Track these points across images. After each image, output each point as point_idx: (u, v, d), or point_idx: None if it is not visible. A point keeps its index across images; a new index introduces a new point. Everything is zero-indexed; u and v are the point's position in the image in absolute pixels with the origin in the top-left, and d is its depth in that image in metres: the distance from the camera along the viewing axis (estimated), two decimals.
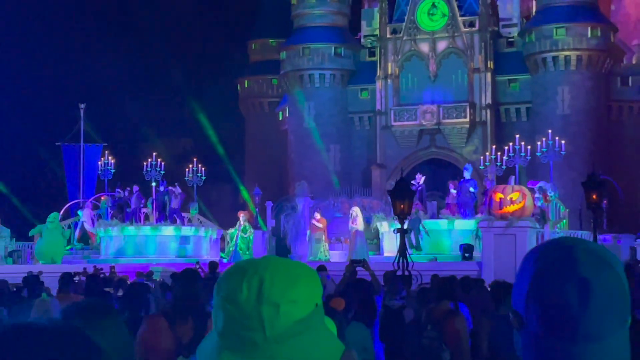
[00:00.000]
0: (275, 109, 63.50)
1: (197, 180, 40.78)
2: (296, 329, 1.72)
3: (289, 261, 1.81)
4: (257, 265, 1.75)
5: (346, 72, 56.54)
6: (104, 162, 42.35)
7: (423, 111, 53.26)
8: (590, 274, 1.74)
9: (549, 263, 1.78)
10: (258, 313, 1.71)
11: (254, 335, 1.71)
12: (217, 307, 1.75)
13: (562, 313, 1.73)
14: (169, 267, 28.67)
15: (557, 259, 1.78)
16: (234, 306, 1.72)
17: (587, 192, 23.80)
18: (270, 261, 1.77)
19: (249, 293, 1.72)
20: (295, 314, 1.72)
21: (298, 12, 57.45)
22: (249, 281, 1.73)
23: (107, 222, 36.42)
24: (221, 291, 1.75)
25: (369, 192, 49.67)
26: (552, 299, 1.74)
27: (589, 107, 51.77)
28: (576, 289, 1.73)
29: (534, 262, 1.80)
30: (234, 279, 1.75)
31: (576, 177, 42.88)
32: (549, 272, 1.77)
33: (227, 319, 1.73)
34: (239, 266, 1.78)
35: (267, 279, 1.73)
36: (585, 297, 1.72)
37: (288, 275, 1.75)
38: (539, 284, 1.77)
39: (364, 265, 11.96)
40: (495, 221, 28.07)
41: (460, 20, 53.53)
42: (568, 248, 1.79)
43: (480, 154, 47.85)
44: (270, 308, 1.71)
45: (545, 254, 1.81)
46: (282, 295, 1.72)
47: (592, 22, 52.20)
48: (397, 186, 23.19)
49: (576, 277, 1.74)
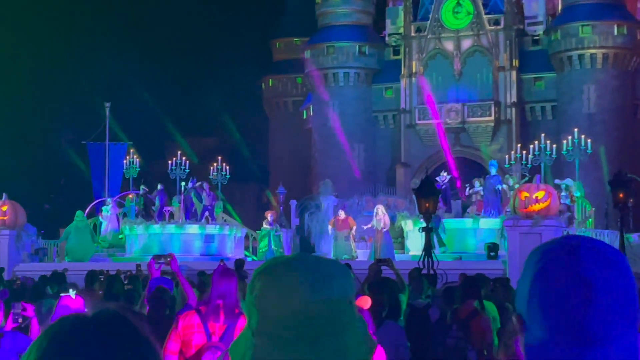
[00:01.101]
0: (299, 107, 63.53)
1: (222, 179, 40.86)
2: (330, 327, 1.71)
3: (321, 259, 1.80)
4: (290, 264, 1.75)
5: (370, 70, 56.48)
6: (129, 160, 42.52)
7: (447, 110, 53.13)
8: (594, 274, 1.66)
9: (551, 263, 1.70)
10: (293, 312, 1.70)
11: (289, 333, 1.70)
12: (251, 306, 1.74)
13: (565, 315, 1.66)
14: (194, 265, 28.74)
15: (560, 258, 1.70)
16: (268, 305, 1.71)
17: (614, 191, 23.66)
18: (304, 259, 1.76)
19: (283, 291, 1.71)
20: (330, 312, 1.71)
21: (322, 10, 57.44)
22: (283, 279, 1.72)
23: (132, 220, 36.56)
24: (255, 290, 1.75)
25: (393, 190, 49.58)
26: (555, 300, 1.67)
27: (615, 105, 51.43)
28: (580, 289, 1.66)
29: (536, 263, 1.72)
30: (268, 277, 1.74)
31: (602, 176, 42.69)
32: (551, 272, 1.69)
33: (261, 317, 1.72)
34: (272, 264, 1.77)
35: (301, 277, 1.72)
36: (589, 299, 1.65)
37: (322, 273, 1.73)
38: (541, 286, 1.69)
39: (389, 264, 11.93)
40: (521, 220, 27.94)
41: (485, 18, 53.34)
42: (571, 247, 1.71)
43: (505, 152, 47.65)
44: (304, 306, 1.70)
45: (547, 253, 1.73)
46: (316, 292, 1.71)
47: (618, 19, 51.85)
48: (422, 185, 23.15)
49: (579, 277, 1.66)
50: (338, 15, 56.70)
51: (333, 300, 1.72)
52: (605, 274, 1.67)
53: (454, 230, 32.88)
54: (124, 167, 42.87)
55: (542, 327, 1.68)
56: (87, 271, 14.04)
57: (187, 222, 35.76)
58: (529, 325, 1.71)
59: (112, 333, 1.46)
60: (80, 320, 1.47)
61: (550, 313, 1.68)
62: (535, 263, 1.73)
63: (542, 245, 1.78)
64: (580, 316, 1.65)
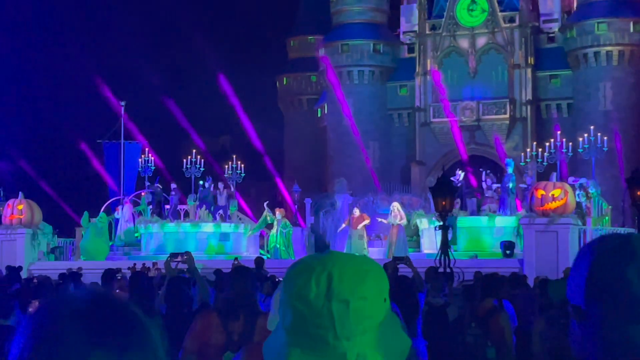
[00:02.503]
0: (314, 106, 63.52)
1: (237, 177, 40.91)
2: (366, 325, 1.70)
3: (355, 257, 1.78)
4: (324, 262, 1.73)
5: (385, 68, 56.42)
6: (144, 159, 42.61)
7: (462, 107, 53.02)
8: None
9: (606, 252, 1.79)
10: (328, 310, 1.69)
11: (325, 333, 1.68)
12: (285, 305, 1.73)
13: (626, 296, 1.74)
14: (209, 263, 28.77)
15: (615, 247, 1.79)
16: (302, 304, 1.70)
17: (631, 189, 23.52)
18: (338, 257, 1.74)
19: (318, 290, 1.70)
20: (365, 310, 1.70)
21: (337, 8, 57.43)
22: (317, 278, 1.71)
23: (147, 218, 36.64)
24: (289, 289, 1.73)
25: (407, 189, 49.50)
26: (614, 284, 1.75)
27: (631, 103, 51.20)
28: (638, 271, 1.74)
29: (590, 254, 1.81)
30: (301, 276, 1.73)
31: (618, 174, 42.48)
32: (607, 260, 1.78)
33: (295, 316, 1.71)
34: (305, 263, 1.76)
35: (335, 275, 1.71)
36: None
37: (356, 271, 1.72)
38: (599, 273, 1.77)
39: (406, 262, 11.89)
40: (537, 218, 27.85)
41: (500, 16, 53.19)
42: (624, 237, 1.82)
43: (521, 150, 47.54)
44: (340, 305, 1.69)
45: (601, 245, 1.82)
46: (352, 291, 1.70)
47: (634, 17, 51.61)
48: (438, 183, 23.10)
49: (636, 260, 1.75)
50: (353, 14, 56.67)
51: (368, 298, 1.71)
52: None
53: (469, 229, 32.78)
54: (139, 165, 42.97)
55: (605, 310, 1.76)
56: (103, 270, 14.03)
57: (203, 220, 35.85)
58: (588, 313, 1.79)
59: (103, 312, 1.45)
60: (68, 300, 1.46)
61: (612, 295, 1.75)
62: (590, 255, 1.81)
63: (593, 240, 1.86)
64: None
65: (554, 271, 23.41)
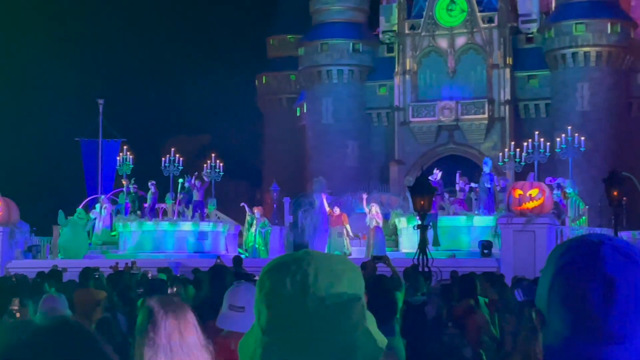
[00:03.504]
0: (293, 105, 63.50)
1: (215, 175, 40.81)
2: (342, 324, 1.70)
3: (331, 256, 1.78)
4: (300, 261, 1.73)
5: (364, 68, 56.48)
6: (123, 157, 42.43)
7: (441, 107, 53.16)
8: (616, 272, 1.66)
9: (573, 260, 1.70)
10: (303, 309, 1.69)
11: (300, 331, 1.68)
12: (260, 303, 1.73)
13: (586, 312, 1.65)
14: (188, 262, 28.73)
15: (582, 256, 1.69)
16: (278, 302, 1.70)
17: (608, 189, 23.69)
18: (313, 256, 1.74)
19: (293, 289, 1.70)
20: (340, 309, 1.70)
21: (316, 8, 57.43)
22: (292, 277, 1.70)
23: (125, 217, 36.50)
24: (264, 287, 1.73)
25: (386, 188, 49.56)
26: (576, 297, 1.67)
27: (608, 103, 51.51)
28: (601, 287, 1.65)
29: (558, 259, 1.72)
30: (277, 275, 1.72)
31: (596, 174, 42.73)
32: (573, 269, 1.69)
33: (271, 315, 1.71)
34: (281, 262, 1.75)
35: (311, 274, 1.70)
36: (610, 296, 1.65)
37: (332, 270, 1.72)
38: (563, 282, 1.69)
39: (385, 261, 11.92)
40: (515, 217, 27.97)
41: (479, 16, 53.36)
42: (594, 245, 1.71)
43: (499, 150, 47.74)
44: (315, 303, 1.69)
45: (569, 250, 1.73)
46: (327, 290, 1.70)
47: (612, 18, 51.92)
48: (417, 182, 23.15)
49: (601, 275, 1.66)
50: (332, 13, 56.68)
51: (343, 298, 1.71)
52: (627, 272, 1.67)
53: (447, 228, 32.86)
54: (117, 164, 42.79)
55: (563, 323, 1.69)
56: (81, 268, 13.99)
57: (182, 219, 35.75)
58: (549, 321, 1.71)
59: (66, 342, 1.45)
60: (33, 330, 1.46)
61: (571, 310, 1.67)
62: (557, 260, 1.73)
63: (564, 242, 1.77)
64: (601, 314, 1.65)
65: (531, 271, 23.53)
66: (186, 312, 3.69)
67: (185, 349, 3.58)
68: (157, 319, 3.60)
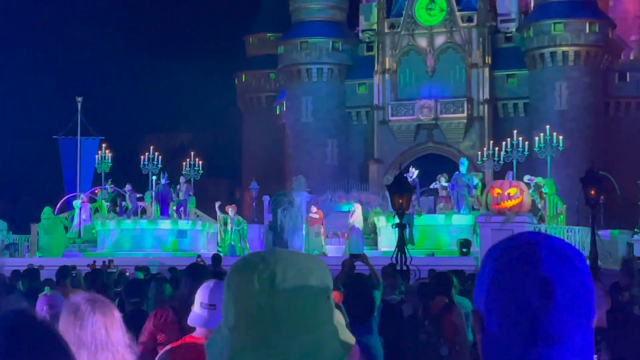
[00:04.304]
0: (272, 103, 63.46)
1: (195, 174, 40.77)
2: (309, 322, 1.70)
3: (299, 254, 1.78)
4: (268, 259, 1.72)
5: (344, 66, 56.51)
6: (101, 155, 42.29)
7: (420, 106, 53.26)
8: (552, 272, 1.64)
9: (510, 261, 1.67)
10: (271, 308, 1.68)
11: (267, 331, 1.68)
12: (228, 302, 1.72)
13: (523, 313, 1.63)
14: (167, 260, 28.64)
15: (519, 256, 1.67)
16: (245, 302, 1.69)
17: (586, 188, 23.81)
18: (282, 255, 1.74)
19: (261, 287, 1.69)
20: (308, 308, 1.70)
21: (296, 6, 57.40)
22: (260, 276, 1.69)
23: (104, 215, 36.40)
24: (232, 286, 1.72)
25: (366, 186, 49.63)
26: (513, 298, 1.64)
27: (586, 103, 51.78)
28: (538, 288, 1.63)
29: (495, 260, 1.70)
30: (245, 273, 1.72)
31: (573, 173, 42.90)
32: (509, 270, 1.66)
33: (238, 313, 1.70)
34: (249, 260, 1.75)
35: (279, 272, 1.70)
36: (547, 297, 1.63)
37: (300, 269, 1.71)
38: (500, 283, 1.67)
39: (363, 259, 11.93)
40: (493, 216, 28.06)
41: (458, 15, 53.51)
42: (530, 245, 1.68)
43: (478, 149, 47.92)
44: (283, 302, 1.68)
45: (506, 251, 1.70)
46: (295, 288, 1.69)
47: (590, 17, 52.18)
48: (395, 181, 23.19)
49: (538, 276, 1.64)
50: (312, 11, 56.67)
51: (311, 296, 1.71)
52: (564, 272, 1.66)
53: (426, 227, 32.94)
54: (95, 162, 42.65)
55: (500, 325, 1.66)
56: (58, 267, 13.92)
57: (164, 217, 35.66)
58: (488, 323, 1.69)
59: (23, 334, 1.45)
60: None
61: (508, 311, 1.65)
62: (494, 261, 1.70)
63: (500, 242, 1.74)
64: (538, 314, 1.63)
65: None
66: (112, 309, 3.67)
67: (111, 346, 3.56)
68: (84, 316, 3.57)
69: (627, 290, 11.23)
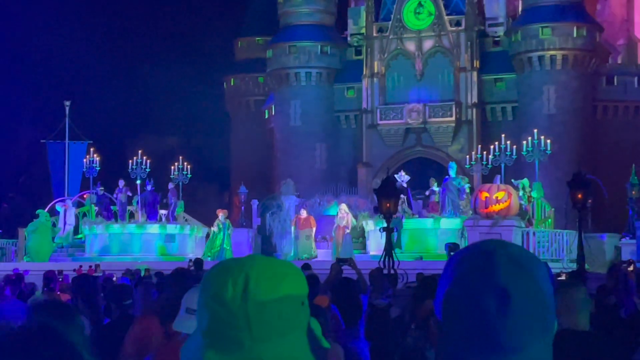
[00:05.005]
0: (261, 107, 63.44)
1: (183, 178, 40.66)
2: (282, 327, 1.70)
3: (274, 259, 1.79)
4: (242, 264, 1.73)
5: (332, 70, 56.55)
6: (89, 159, 42.20)
7: (409, 110, 53.33)
8: (510, 282, 1.64)
9: (468, 270, 1.68)
10: (244, 312, 1.68)
11: (240, 334, 1.68)
12: (202, 306, 1.73)
13: (480, 323, 1.63)
14: (155, 265, 28.57)
15: (476, 265, 1.68)
16: (219, 305, 1.70)
17: (573, 192, 23.87)
18: (256, 259, 1.75)
19: (234, 291, 1.70)
20: (281, 313, 1.70)
21: (284, 10, 57.43)
22: (234, 280, 1.70)
23: (91, 219, 36.31)
24: (206, 290, 1.73)
25: (354, 190, 49.65)
26: (470, 307, 1.65)
27: (574, 106, 51.93)
28: (495, 298, 1.63)
29: (453, 269, 1.70)
30: (219, 277, 1.72)
31: (562, 176, 43.00)
32: (467, 279, 1.67)
33: (212, 318, 1.71)
34: (224, 265, 1.75)
35: (253, 277, 1.70)
36: (504, 307, 1.63)
37: (274, 274, 1.72)
38: (457, 292, 1.67)
39: (350, 263, 11.95)
40: (481, 220, 28.13)
41: (446, 19, 53.61)
42: (488, 254, 1.69)
43: (466, 152, 47.97)
44: (256, 307, 1.69)
45: (464, 260, 1.70)
46: (269, 293, 1.70)
47: (577, 21, 52.35)
48: (383, 185, 23.20)
49: (495, 285, 1.64)
50: (300, 15, 56.70)
51: (285, 301, 1.71)
52: (520, 281, 1.65)
53: (415, 231, 32.98)
54: (84, 166, 42.55)
55: (458, 333, 1.66)
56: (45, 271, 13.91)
57: (149, 222, 35.60)
58: (446, 332, 1.69)
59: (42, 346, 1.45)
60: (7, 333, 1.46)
61: (465, 320, 1.65)
62: (453, 269, 1.70)
63: (460, 251, 1.75)
64: (495, 324, 1.63)
65: None
66: None
67: None
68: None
69: (613, 294, 11.25)
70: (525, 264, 1.68)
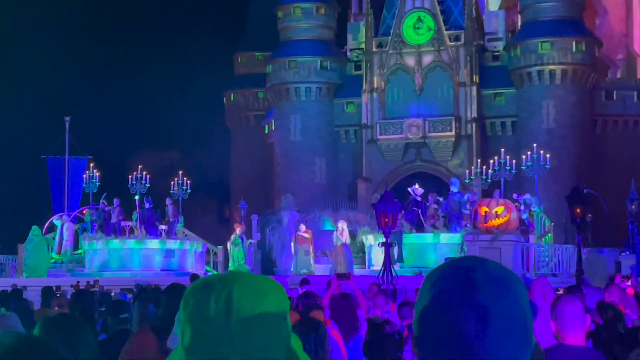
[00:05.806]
0: (261, 122, 63.51)
1: (183, 193, 40.67)
2: (265, 343, 1.70)
3: (256, 276, 1.79)
4: (225, 280, 1.74)
5: (332, 85, 56.63)
6: (89, 175, 42.20)
7: (409, 125, 53.36)
8: (489, 300, 1.62)
9: (446, 287, 1.65)
10: (227, 328, 1.69)
11: (223, 350, 1.69)
12: (185, 322, 1.73)
13: (458, 341, 1.60)
14: (154, 280, 28.52)
15: (455, 282, 1.65)
16: (202, 321, 1.70)
17: (571, 206, 23.87)
18: (238, 276, 1.75)
19: (217, 308, 1.70)
20: (263, 329, 1.71)
21: (284, 25, 57.54)
22: (217, 296, 1.71)
23: (91, 235, 36.26)
24: (188, 306, 1.73)
25: (354, 205, 49.62)
26: (448, 324, 1.62)
27: (573, 121, 51.98)
28: (473, 316, 1.61)
29: (431, 287, 1.68)
30: (202, 293, 1.73)
31: (561, 191, 43.04)
32: (446, 296, 1.64)
33: (194, 334, 1.71)
34: (206, 281, 1.76)
35: (235, 293, 1.71)
36: (483, 325, 1.61)
37: (256, 290, 1.73)
38: (435, 309, 1.64)
39: (348, 279, 11.95)
40: (481, 234, 28.08)
41: (445, 34, 53.71)
42: (467, 271, 1.66)
43: (466, 167, 48.01)
44: (240, 322, 1.69)
45: (443, 276, 1.68)
46: (251, 309, 1.71)
47: (576, 36, 52.46)
48: (381, 200, 23.20)
49: (474, 303, 1.62)
50: (300, 30, 56.82)
51: (267, 316, 1.72)
52: (499, 299, 1.64)
53: (414, 245, 32.95)
54: (83, 181, 42.54)
55: (436, 351, 1.64)
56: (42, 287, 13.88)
57: (148, 237, 35.56)
58: (424, 348, 1.67)
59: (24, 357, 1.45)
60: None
61: (444, 337, 1.63)
62: (431, 287, 1.68)
63: (438, 267, 1.73)
64: (474, 343, 1.61)
65: None
66: None
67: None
68: None
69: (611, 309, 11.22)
70: (505, 281, 1.66)
